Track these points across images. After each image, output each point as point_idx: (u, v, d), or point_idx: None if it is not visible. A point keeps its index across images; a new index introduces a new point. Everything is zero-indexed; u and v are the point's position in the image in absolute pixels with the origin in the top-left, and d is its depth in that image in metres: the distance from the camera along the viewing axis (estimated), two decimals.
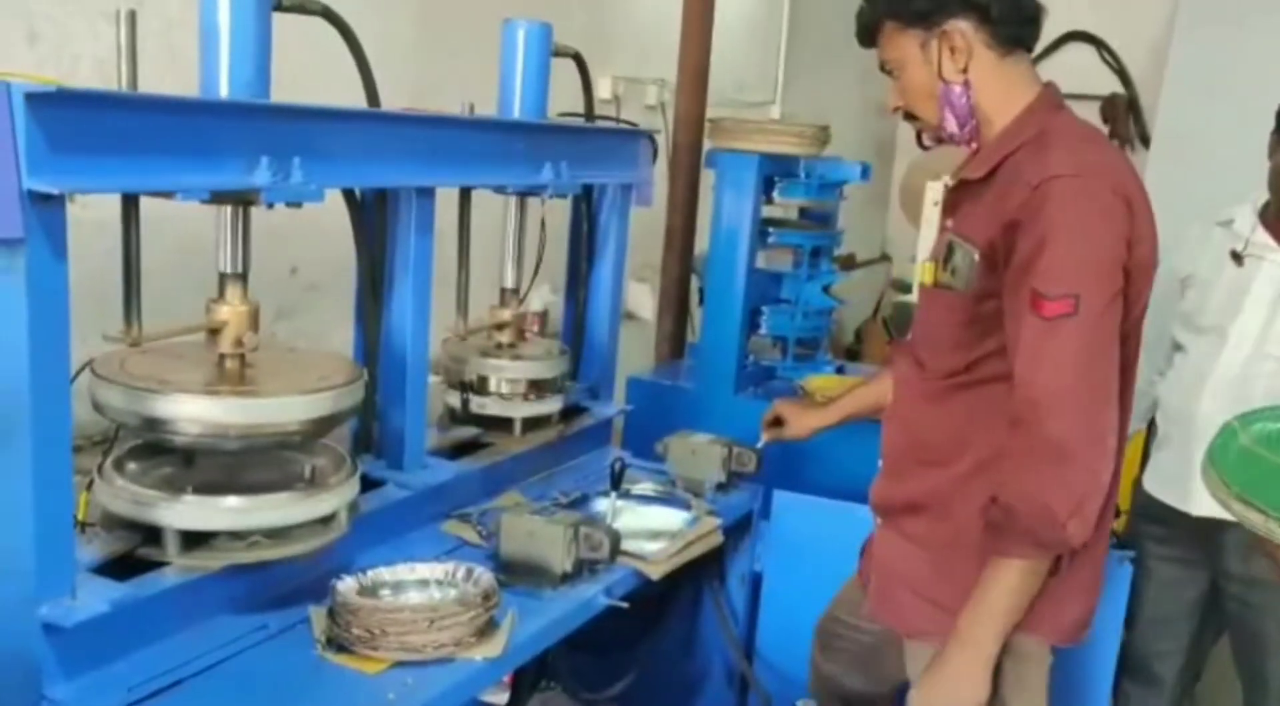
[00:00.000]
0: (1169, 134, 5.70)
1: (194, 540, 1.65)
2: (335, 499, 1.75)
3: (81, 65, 2.55)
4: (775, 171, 3.23)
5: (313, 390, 1.71)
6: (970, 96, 1.75)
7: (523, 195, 2.36)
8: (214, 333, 1.73)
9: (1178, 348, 2.50)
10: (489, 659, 1.66)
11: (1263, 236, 2.39)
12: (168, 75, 1.79)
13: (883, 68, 1.85)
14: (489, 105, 2.34)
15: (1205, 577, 2.49)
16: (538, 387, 2.39)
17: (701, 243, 4.01)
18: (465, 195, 2.23)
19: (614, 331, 2.70)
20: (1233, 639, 2.53)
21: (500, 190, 2.28)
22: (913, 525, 1.88)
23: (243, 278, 1.74)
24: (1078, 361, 1.58)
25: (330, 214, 1.83)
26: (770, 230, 3.31)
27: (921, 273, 1.85)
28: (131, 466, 1.75)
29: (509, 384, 2.37)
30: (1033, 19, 1.76)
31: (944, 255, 1.79)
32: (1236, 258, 2.39)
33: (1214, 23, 5.93)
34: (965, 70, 1.73)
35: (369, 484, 1.99)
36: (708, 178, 3.71)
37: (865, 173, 3.37)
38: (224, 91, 1.64)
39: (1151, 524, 2.53)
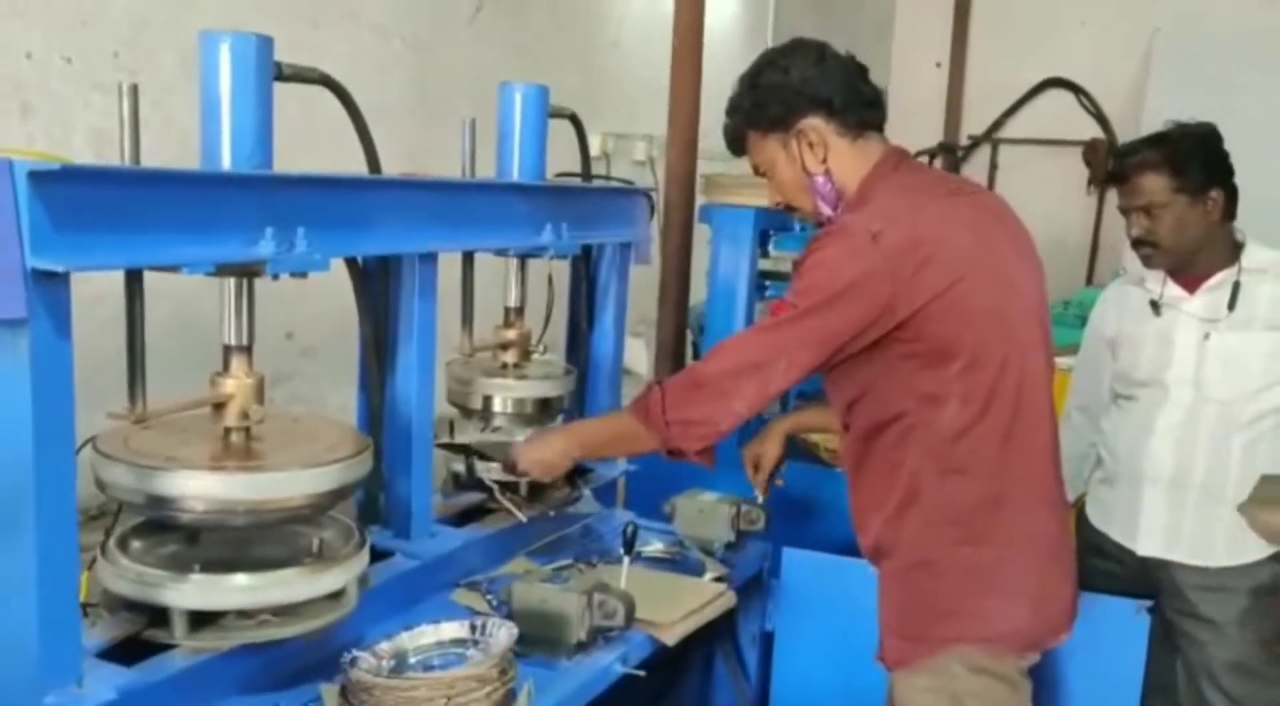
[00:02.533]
0: None
1: (201, 620, 1.61)
2: (346, 573, 1.71)
3: (74, 136, 2.55)
4: (770, 225, 3.23)
5: (322, 462, 1.67)
6: (834, 182, 1.93)
7: (523, 257, 2.34)
8: (219, 406, 1.69)
9: (1124, 398, 2.55)
10: None
11: (1174, 289, 2.49)
12: (161, 145, 1.77)
13: (756, 171, 2.04)
14: (484, 168, 2.34)
15: (1159, 613, 2.49)
16: (545, 408, 2.38)
17: (694, 296, 4.02)
18: (468, 259, 2.21)
19: (616, 390, 2.67)
20: (1183, 666, 2.54)
21: (502, 253, 2.26)
22: (881, 568, 2.01)
23: (247, 350, 1.71)
24: (757, 337, 1.89)
25: (325, 279, 1.79)
26: (767, 283, 3.30)
27: None
28: (135, 545, 1.70)
29: (515, 403, 2.36)
30: (874, 102, 1.95)
31: None
32: (1155, 307, 2.50)
33: (1187, 69, 6.05)
34: (825, 160, 1.92)
35: (376, 554, 1.94)
36: (699, 232, 3.72)
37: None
38: (226, 162, 1.62)
39: (1100, 559, 2.57)
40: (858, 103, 1.92)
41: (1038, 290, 1.96)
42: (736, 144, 2.02)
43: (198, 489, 1.58)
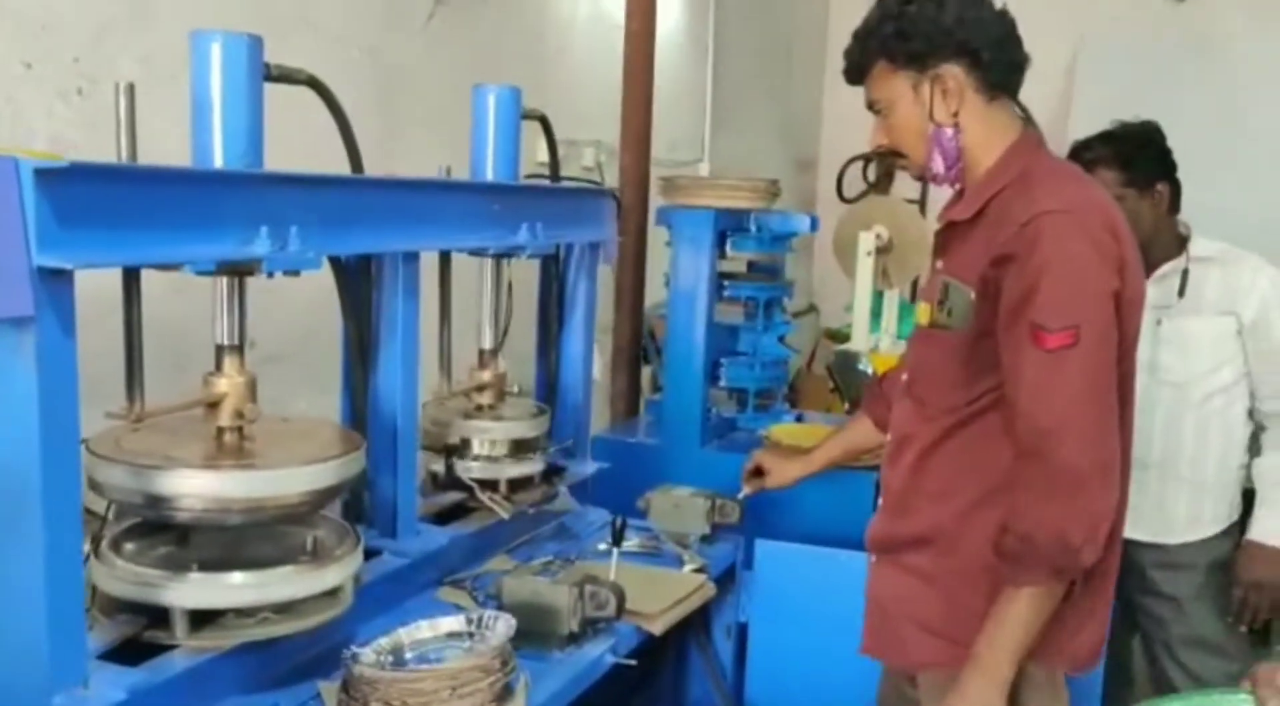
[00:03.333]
0: None
1: (201, 619, 1.60)
2: (343, 570, 1.72)
3: (36, 142, 2.51)
4: (727, 226, 3.28)
5: (318, 460, 1.68)
6: (959, 138, 1.79)
7: (498, 257, 2.36)
8: (212, 406, 1.69)
9: None
10: None
11: None
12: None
13: (870, 106, 1.89)
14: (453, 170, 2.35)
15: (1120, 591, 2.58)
16: (520, 448, 2.37)
17: (647, 300, 4.06)
18: (446, 259, 2.23)
19: (587, 390, 2.70)
20: (1143, 648, 2.67)
21: (479, 252, 2.28)
22: (917, 559, 1.88)
23: (240, 349, 1.71)
24: (1082, 391, 1.64)
25: (287, 285, 1.78)
26: (725, 283, 3.35)
27: (918, 313, 1.90)
28: (129, 546, 1.69)
29: (492, 445, 2.34)
30: (1020, 66, 1.82)
31: (939, 296, 1.84)
32: None
33: (1111, 77, 6.24)
34: (956, 113, 1.78)
35: (365, 553, 1.95)
36: (653, 236, 3.77)
37: (814, 225, 3.44)
38: (218, 162, 1.62)
39: None
40: (1005, 63, 1.79)
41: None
42: (858, 71, 1.87)
43: (197, 487, 1.58)
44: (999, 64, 1.78)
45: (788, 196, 5.98)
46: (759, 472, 2.48)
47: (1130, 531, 2.53)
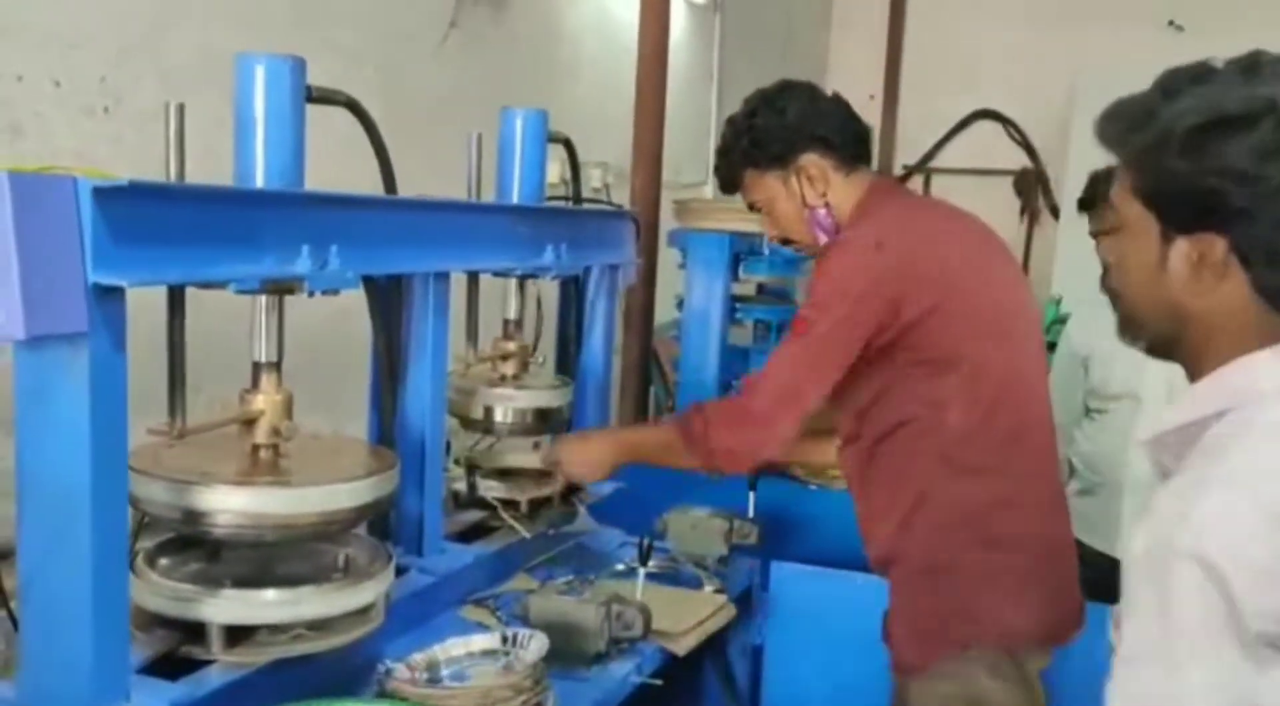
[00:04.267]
0: (1075, 204, 6.01)
1: (235, 635, 1.61)
2: (376, 588, 1.73)
3: (62, 158, 2.52)
4: (741, 249, 3.31)
5: (354, 477, 1.70)
6: (832, 214, 2.04)
7: (523, 279, 2.38)
8: (249, 423, 1.71)
9: (1098, 411, 2.66)
10: None
11: None
12: (145, 169, 1.75)
13: (751, 207, 2.15)
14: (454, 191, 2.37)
15: None
16: (543, 418, 2.43)
17: (656, 319, 4.08)
18: (474, 280, 2.25)
19: (605, 411, 2.72)
20: None
21: (506, 273, 2.30)
22: (892, 575, 2.04)
23: (277, 366, 1.72)
24: (792, 365, 1.94)
25: (297, 305, 1.78)
26: (737, 306, 3.38)
27: None
28: (163, 562, 1.70)
29: (516, 413, 2.40)
30: (864, 138, 2.09)
31: None
32: None
33: (1110, 100, 6.29)
34: (824, 194, 2.03)
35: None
36: (664, 257, 3.79)
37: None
38: (259, 182, 1.64)
39: (1081, 568, 2.65)
40: (852, 138, 2.05)
41: (1029, 300, 2.08)
42: (731, 183, 2.13)
43: (236, 504, 1.60)
44: (847, 141, 2.04)
45: None
46: None
47: None
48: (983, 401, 1.91)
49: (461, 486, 2.33)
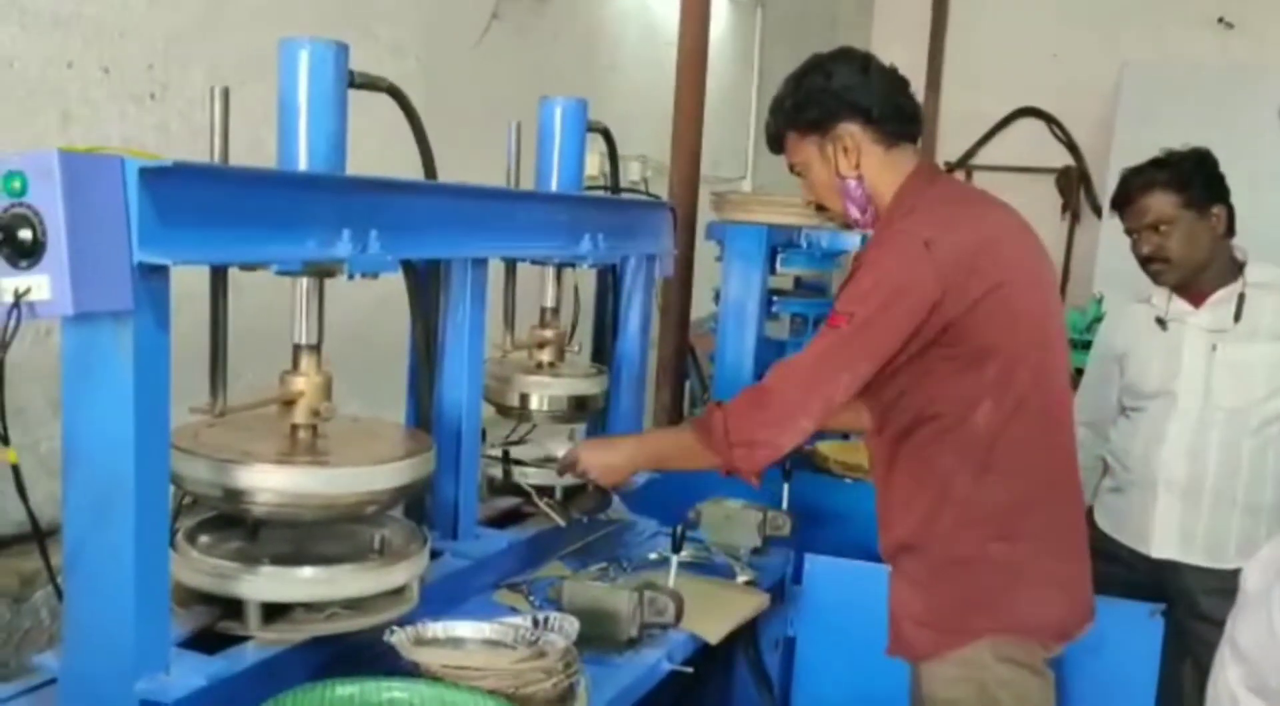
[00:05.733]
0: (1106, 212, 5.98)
1: (272, 613, 1.64)
2: (411, 568, 1.75)
3: (111, 143, 2.57)
4: (779, 242, 3.31)
5: (392, 459, 1.71)
6: (865, 187, 2.02)
7: (560, 267, 2.39)
8: (288, 403, 1.73)
9: (1133, 409, 2.64)
10: None
11: (1179, 304, 2.62)
12: (189, 155, 1.78)
13: (792, 169, 2.12)
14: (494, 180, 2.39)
15: (1171, 616, 2.58)
16: (579, 406, 2.44)
17: (692, 313, 4.08)
18: (511, 268, 2.26)
19: (640, 401, 2.72)
20: (1195, 673, 2.64)
21: (543, 261, 2.32)
22: (906, 564, 2.06)
23: (317, 348, 1.75)
24: (819, 356, 1.92)
25: (333, 293, 1.80)
26: (774, 299, 3.37)
27: None
28: (203, 539, 1.73)
29: (552, 401, 2.41)
30: (911, 116, 2.04)
31: None
32: (1161, 323, 2.63)
33: (1153, 103, 6.23)
34: (858, 166, 2.00)
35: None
36: (702, 251, 3.79)
37: (864, 243, 3.45)
38: (303, 165, 1.66)
39: (1111, 565, 2.64)
40: (896, 114, 2.01)
41: (1058, 299, 2.07)
42: (776, 142, 2.11)
43: (276, 482, 1.62)
44: (889, 116, 1.99)
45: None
46: None
47: (1184, 554, 2.55)
48: (1011, 400, 1.90)
49: (496, 473, 2.35)
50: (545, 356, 2.44)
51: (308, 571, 1.66)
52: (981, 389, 1.90)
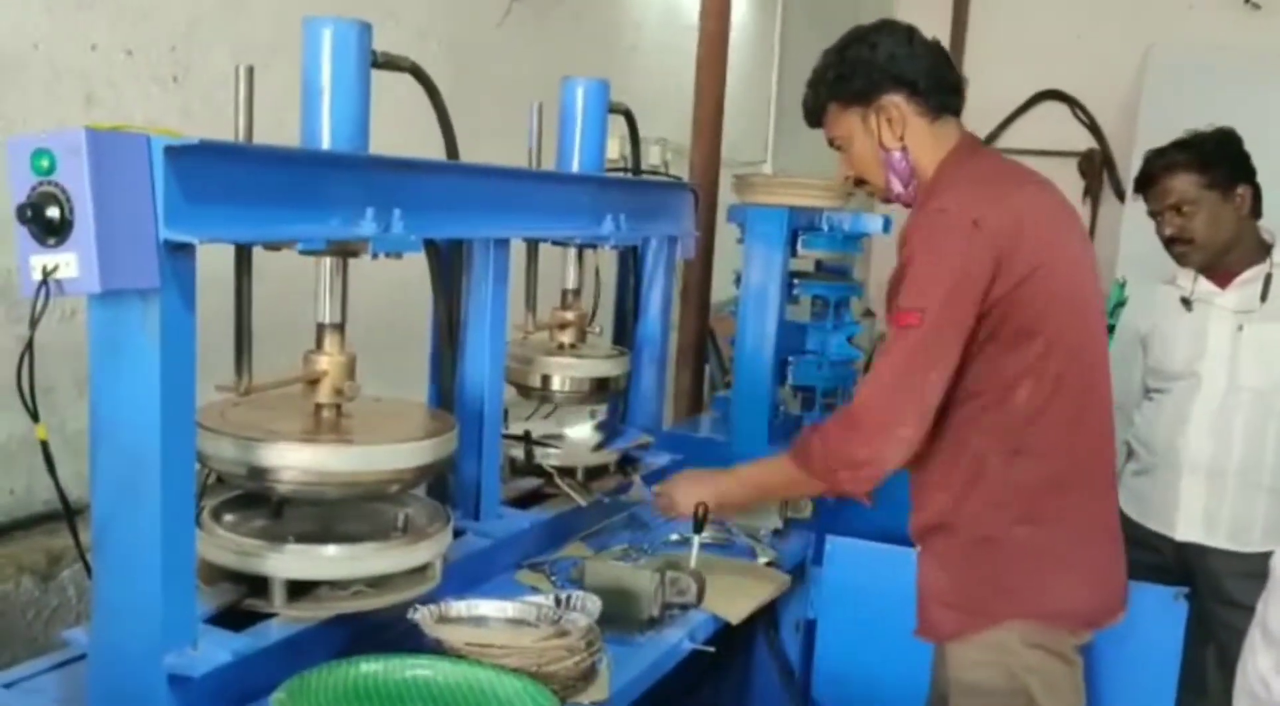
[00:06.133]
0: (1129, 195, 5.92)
1: (296, 590, 1.65)
2: (434, 547, 1.76)
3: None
4: (800, 225, 3.29)
5: (415, 438, 1.72)
6: (909, 160, 1.99)
7: (582, 248, 2.39)
8: (312, 383, 1.74)
9: (1157, 391, 2.63)
10: (596, 703, 1.66)
11: (1205, 285, 2.61)
12: (212, 137, 1.80)
13: (831, 143, 2.10)
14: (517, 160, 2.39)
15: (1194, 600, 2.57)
16: (600, 387, 2.45)
17: (713, 297, 4.08)
18: (533, 248, 2.26)
19: (661, 383, 2.73)
20: (1218, 657, 2.63)
21: (564, 243, 2.32)
22: (936, 543, 2.04)
23: (340, 328, 1.75)
24: (901, 359, 1.87)
25: (358, 276, 1.81)
26: (795, 282, 3.36)
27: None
28: (228, 517, 1.74)
29: (574, 382, 2.42)
30: (955, 88, 2.01)
31: None
32: (1186, 303, 2.61)
33: (1180, 85, 6.16)
34: (902, 138, 1.98)
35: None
36: (723, 233, 3.78)
37: (887, 226, 3.43)
38: (325, 144, 1.67)
39: (1135, 549, 2.62)
40: (940, 86, 1.98)
41: (1097, 277, 2.04)
42: (815, 115, 2.08)
43: (301, 460, 1.63)
44: (934, 88, 1.97)
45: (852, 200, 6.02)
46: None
47: (1208, 537, 2.54)
48: (1050, 379, 1.88)
49: (519, 453, 2.36)
50: (566, 337, 2.44)
51: (332, 549, 1.67)
52: (1023, 368, 1.88)
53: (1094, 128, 7.20)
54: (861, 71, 1.97)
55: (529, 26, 4.04)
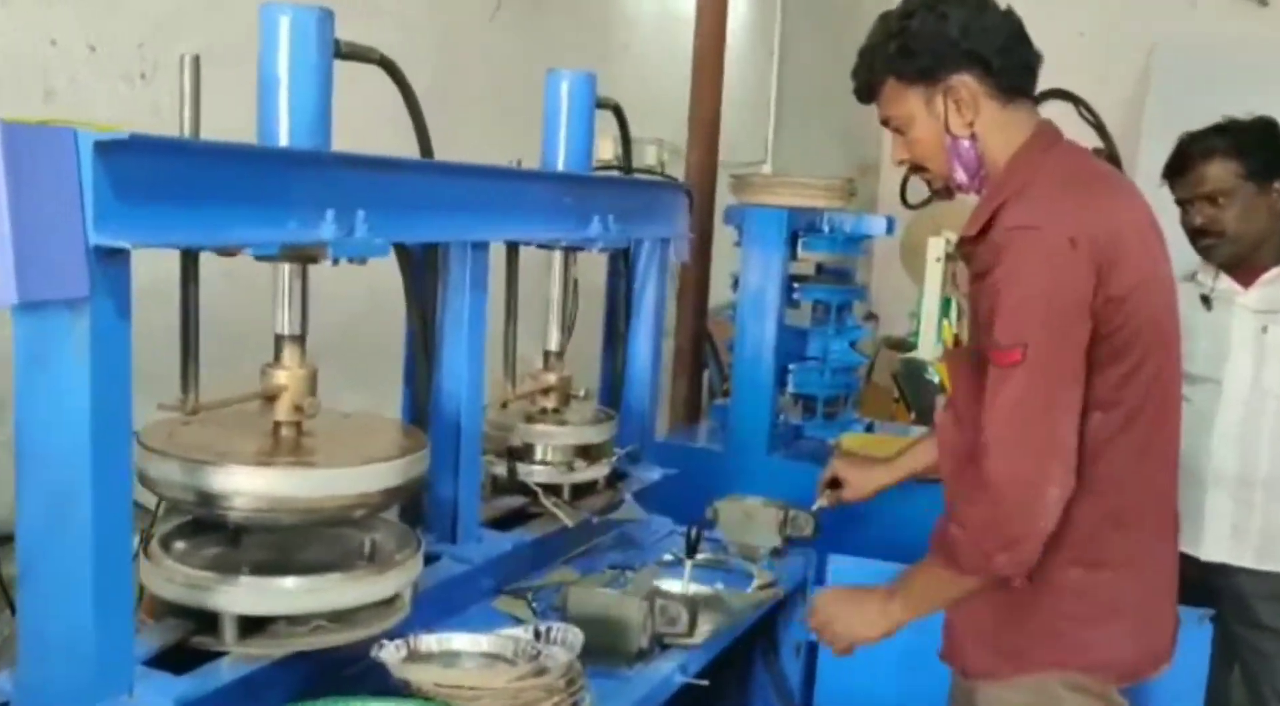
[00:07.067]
0: (1148, 183, 5.80)
1: (251, 626, 1.51)
2: (403, 576, 1.62)
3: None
4: (800, 226, 3.17)
5: (380, 459, 1.59)
6: (977, 148, 1.77)
7: (567, 251, 2.26)
8: (270, 399, 1.60)
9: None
10: None
11: (1226, 282, 2.48)
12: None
13: (885, 123, 1.86)
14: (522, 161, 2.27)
15: (1219, 622, 2.44)
16: (585, 453, 2.27)
17: (711, 300, 3.95)
18: (514, 251, 2.13)
19: (654, 393, 2.59)
20: (1244, 682, 2.52)
21: (549, 245, 2.19)
22: None
23: (300, 339, 1.62)
24: (1016, 408, 1.63)
25: (325, 276, 1.68)
26: (795, 286, 3.23)
27: (945, 331, 1.83)
28: (179, 546, 1.61)
29: (556, 450, 2.24)
30: (1031, 66, 1.79)
31: (958, 313, 1.78)
32: (1206, 301, 2.48)
33: (1186, 82, 6.04)
34: (972, 123, 1.75)
35: (424, 559, 1.85)
36: (720, 236, 3.66)
37: (890, 227, 3.31)
38: (284, 141, 1.54)
39: None
40: (1016, 64, 1.76)
41: (1176, 296, 1.84)
42: (867, 91, 1.84)
43: (254, 485, 1.49)
44: (1010, 67, 1.75)
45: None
46: (836, 483, 2.36)
47: (1235, 556, 2.40)
48: (1123, 411, 1.70)
49: (501, 470, 2.22)
50: (549, 402, 2.29)
51: (290, 581, 1.53)
52: (1095, 398, 1.68)
53: (1099, 126, 7.06)
54: (928, 45, 1.72)
55: (519, 21, 3.91)
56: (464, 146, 2.16)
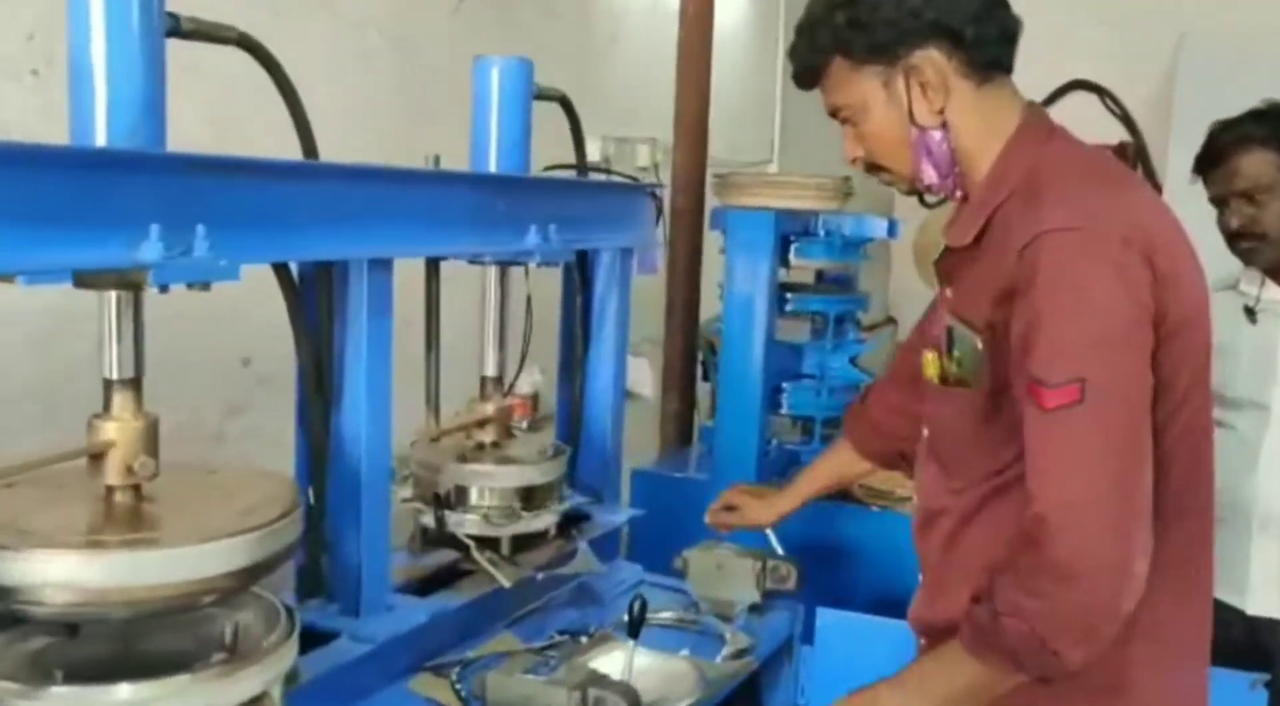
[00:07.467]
0: (1180, 181, 5.47)
1: None
2: (266, 672, 1.31)
3: None
4: (791, 230, 2.86)
5: (231, 533, 1.28)
6: (950, 140, 1.44)
7: (504, 265, 1.95)
8: (96, 458, 1.30)
9: (1220, 425, 2.15)
10: None
11: (1274, 292, 2.18)
12: None
13: (834, 114, 1.51)
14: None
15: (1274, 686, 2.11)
16: (530, 497, 1.96)
17: (704, 312, 3.65)
18: (433, 267, 1.83)
19: (618, 421, 2.28)
20: None
21: (477, 260, 1.88)
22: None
23: (135, 384, 1.32)
24: (1084, 466, 1.29)
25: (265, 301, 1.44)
26: (788, 296, 2.92)
27: (925, 364, 1.50)
28: None
29: (495, 494, 1.93)
30: (1011, 36, 1.44)
31: (945, 343, 1.45)
32: (1250, 313, 2.18)
33: (1215, 73, 5.70)
34: (942, 110, 1.42)
35: (316, 638, 1.55)
36: (709, 242, 3.36)
37: (893, 229, 2.99)
38: (101, 140, 1.24)
39: None
40: (994, 34, 1.41)
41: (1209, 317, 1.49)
42: (808, 74, 1.50)
43: (60, 575, 1.19)
44: (986, 39, 1.40)
45: (861, 199, 5.58)
46: (730, 509, 2.14)
47: (1264, 607, 2.07)
48: (1158, 456, 1.35)
49: (429, 521, 1.91)
50: (487, 436, 1.98)
51: (123, 690, 1.23)
52: None
53: (1127, 119, 6.74)
54: (885, 15, 1.40)
55: (487, 16, 3.61)
56: (428, 151, 1.88)
